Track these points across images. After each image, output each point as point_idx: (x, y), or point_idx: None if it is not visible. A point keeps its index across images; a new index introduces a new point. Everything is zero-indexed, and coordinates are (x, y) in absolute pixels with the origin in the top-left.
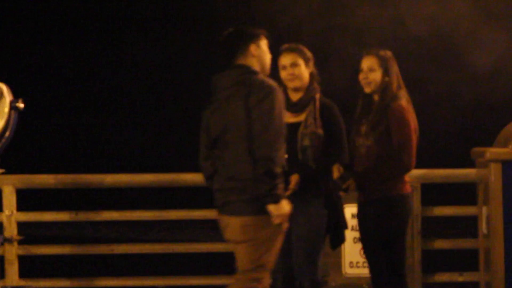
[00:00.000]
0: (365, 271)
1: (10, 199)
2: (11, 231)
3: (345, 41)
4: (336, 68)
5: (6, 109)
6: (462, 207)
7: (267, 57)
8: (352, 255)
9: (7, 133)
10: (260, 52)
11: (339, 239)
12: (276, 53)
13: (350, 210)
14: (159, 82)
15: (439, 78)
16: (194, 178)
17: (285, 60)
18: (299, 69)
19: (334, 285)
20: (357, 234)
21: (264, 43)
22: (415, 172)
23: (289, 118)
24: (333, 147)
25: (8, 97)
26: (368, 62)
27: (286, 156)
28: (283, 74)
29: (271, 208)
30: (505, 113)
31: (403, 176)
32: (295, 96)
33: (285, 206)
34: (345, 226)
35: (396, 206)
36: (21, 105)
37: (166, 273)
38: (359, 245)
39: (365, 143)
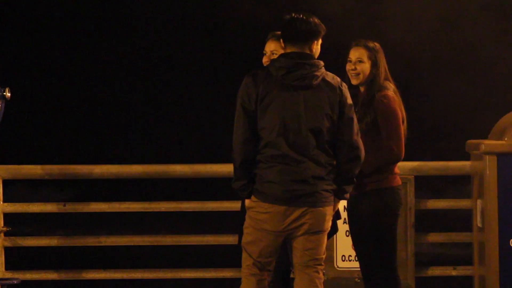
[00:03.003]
0: (357, 265)
1: None
2: None
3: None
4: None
5: None
6: (456, 200)
7: (316, 56)
8: (344, 249)
9: None
10: (317, 50)
11: (331, 230)
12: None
13: (342, 203)
14: (147, 72)
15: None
16: (183, 169)
17: (268, 46)
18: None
19: (326, 279)
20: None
21: (320, 43)
22: (409, 164)
23: None
24: None
25: None
26: (357, 53)
27: None
28: (264, 60)
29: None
30: (501, 105)
31: (393, 168)
32: None
33: None
34: (337, 216)
35: (387, 199)
36: (8, 94)
37: (156, 266)
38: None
39: None
